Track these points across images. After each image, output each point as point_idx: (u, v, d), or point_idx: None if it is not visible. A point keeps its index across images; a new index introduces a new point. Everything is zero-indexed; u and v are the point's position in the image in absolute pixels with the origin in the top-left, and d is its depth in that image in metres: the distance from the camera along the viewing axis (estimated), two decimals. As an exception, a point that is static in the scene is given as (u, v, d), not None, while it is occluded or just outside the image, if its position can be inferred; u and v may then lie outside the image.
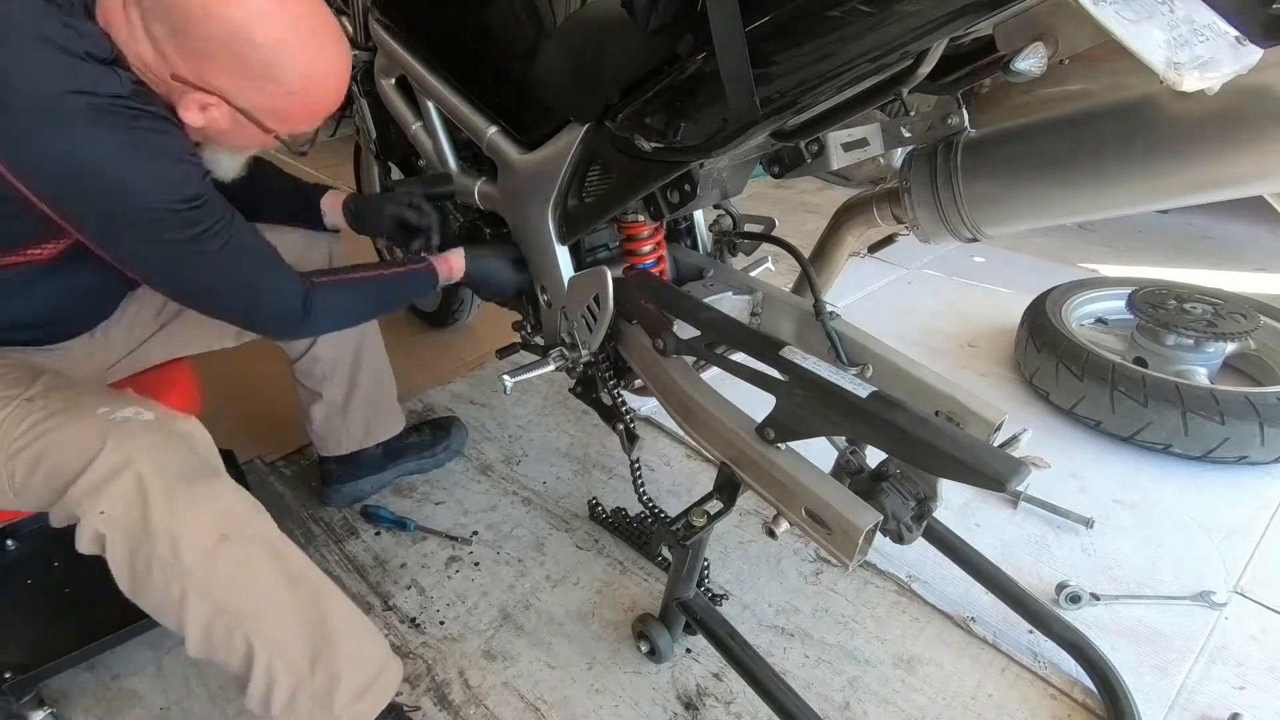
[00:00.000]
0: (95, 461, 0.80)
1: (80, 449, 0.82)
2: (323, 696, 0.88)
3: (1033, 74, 0.82)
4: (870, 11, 0.63)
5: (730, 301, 1.13)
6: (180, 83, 0.80)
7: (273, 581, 0.87)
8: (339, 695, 0.89)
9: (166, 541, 0.81)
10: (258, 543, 0.88)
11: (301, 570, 0.91)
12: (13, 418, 0.84)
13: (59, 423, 0.84)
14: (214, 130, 0.86)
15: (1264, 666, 1.13)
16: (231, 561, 0.84)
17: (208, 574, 0.83)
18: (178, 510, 0.81)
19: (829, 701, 1.10)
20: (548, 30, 1.14)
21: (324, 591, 0.92)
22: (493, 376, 1.90)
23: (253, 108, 0.84)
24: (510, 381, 1.14)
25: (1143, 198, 0.88)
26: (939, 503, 0.90)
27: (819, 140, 0.99)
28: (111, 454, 0.81)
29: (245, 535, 0.87)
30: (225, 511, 0.86)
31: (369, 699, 0.92)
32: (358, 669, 0.91)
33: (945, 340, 2.03)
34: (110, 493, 0.80)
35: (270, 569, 0.88)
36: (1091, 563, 1.31)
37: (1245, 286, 2.22)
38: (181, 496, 0.82)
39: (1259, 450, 1.44)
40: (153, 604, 0.85)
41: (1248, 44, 0.61)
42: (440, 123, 1.31)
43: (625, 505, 1.41)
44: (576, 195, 1.07)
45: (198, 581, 0.83)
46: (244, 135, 0.88)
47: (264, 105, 0.84)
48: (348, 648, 0.91)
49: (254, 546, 0.87)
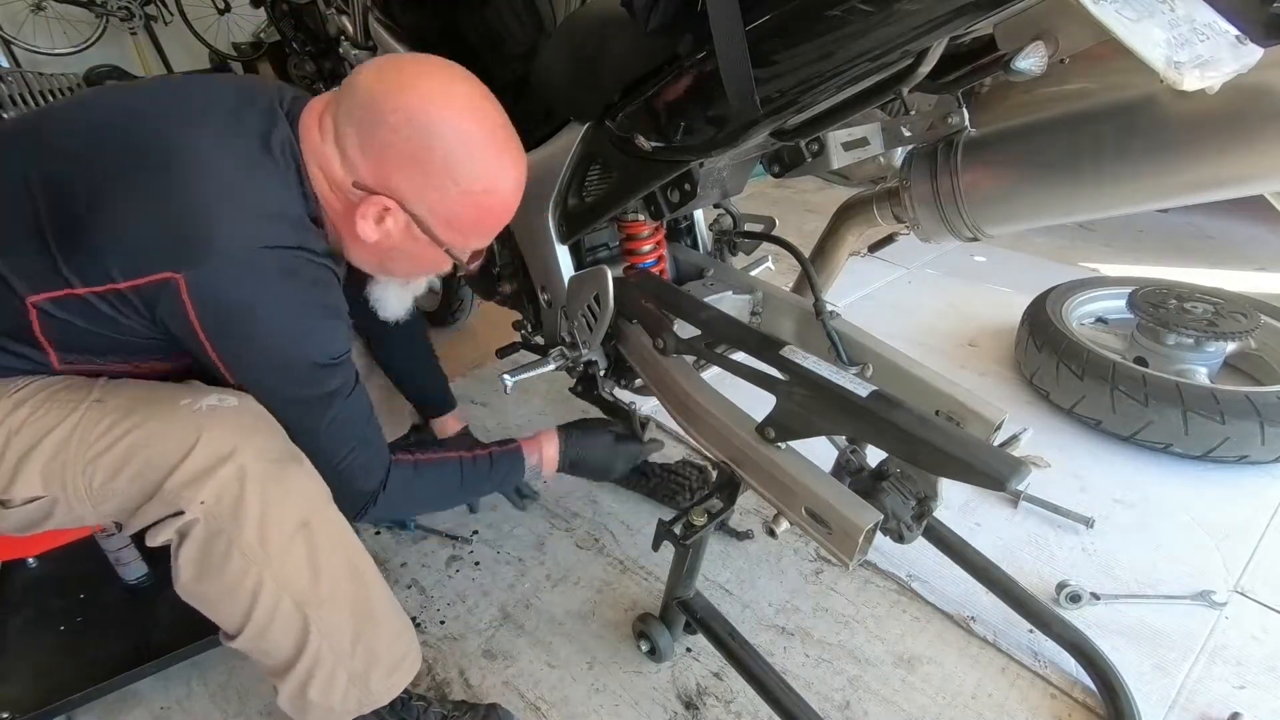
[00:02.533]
0: (193, 453, 0.79)
1: (174, 442, 0.80)
2: (361, 675, 0.92)
3: (1033, 73, 0.82)
4: (870, 10, 0.63)
5: (730, 301, 1.12)
6: (361, 190, 0.81)
7: (338, 568, 0.88)
8: (375, 673, 0.92)
9: (255, 528, 0.81)
10: (331, 527, 0.88)
11: (359, 554, 0.92)
12: (87, 420, 0.80)
13: (140, 419, 0.81)
14: (387, 245, 0.85)
15: (1264, 666, 1.13)
16: (309, 547, 0.85)
17: (284, 560, 0.83)
18: (271, 498, 0.81)
19: (829, 701, 1.10)
20: (548, 29, 1.14)
21: (371, 574, 0.93)
22: (493, 376, 1.90)
23: (429, 212, 0.83)
24: (511, 381, 1.15)
25: (1143, 197, 0.88)
26: (939, 502, 0.90)
27: (819, 139, 0.99)
28: (209, 444, 0.79)
29: (322, 521, 0.87)
30: (309, 497, 0.86)
31: (398, 675, 0.96)
32: (394, 649, 0.95)
33: (945, 340, 2.03)
34: (212, 484, 0.79)
35: (339, 555, 0.88)
36: (1092, 562, 1.31)
37: (1245, 286, 2.22)
38: (275, 483, 0.82)
39: (1259, 450, 1.43)
40: (217, 592, 0.84)
41: (1248, 43, 0.61)
42: (440, 122, 1.30)
43: (626, 505, 1.41)
44: (577, 194, 1.07)
45: (275, 567, 0.83)
46: (417, 252, 0.87)
47: (439, 208, 0.83)
48: (387, 629, 0.94)
49: (328, 532, 0.87)
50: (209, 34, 5.23)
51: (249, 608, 0.84)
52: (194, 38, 5.20)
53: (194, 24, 5.16)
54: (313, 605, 0.86)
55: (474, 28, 1.21)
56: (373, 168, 0.80)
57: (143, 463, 0.80)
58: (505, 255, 1.26)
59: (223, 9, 5.12)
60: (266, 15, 4.36)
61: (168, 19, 5.29)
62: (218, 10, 5.12)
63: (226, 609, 0.85)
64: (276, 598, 0.84)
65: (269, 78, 1.40)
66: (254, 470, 0.81)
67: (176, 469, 0.79)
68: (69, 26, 4.84)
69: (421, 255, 0.88)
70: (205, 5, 5.09)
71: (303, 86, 4.89)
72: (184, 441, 0.80)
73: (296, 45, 4.22)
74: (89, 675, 1.08)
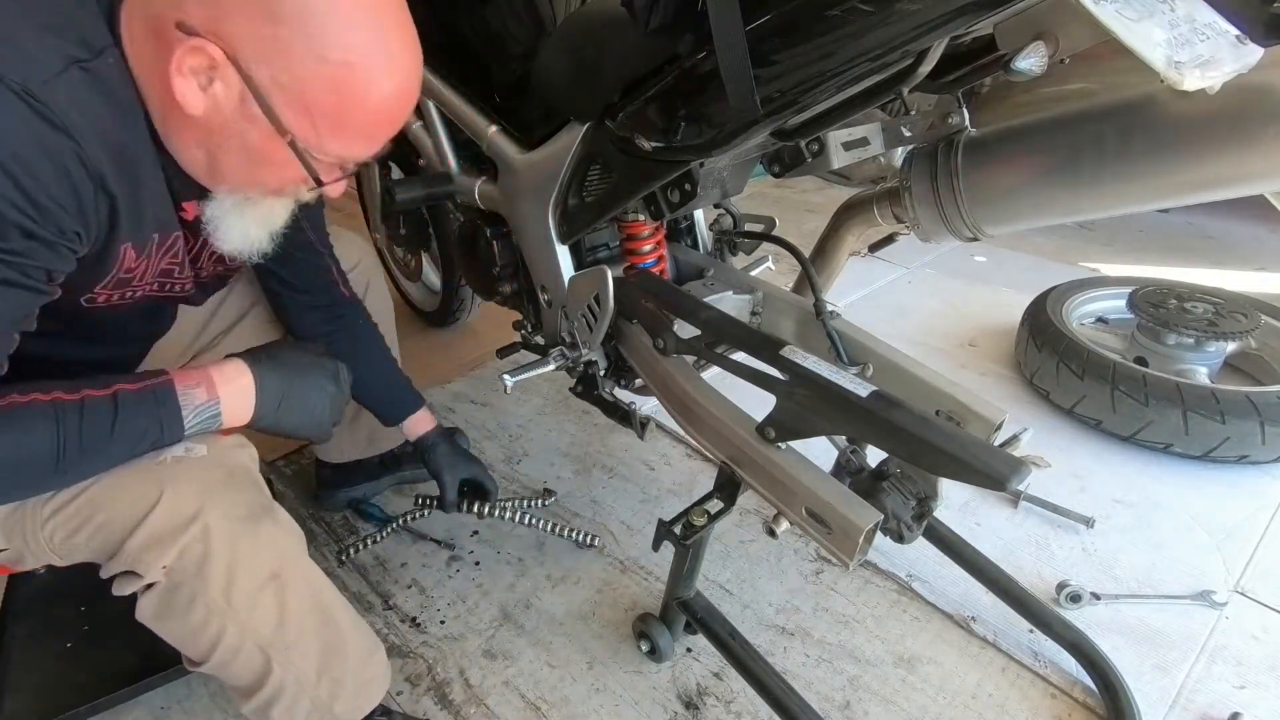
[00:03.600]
0: (153, 514, 0.72)
1: (134, 500, 0.72)
2: (325, 702, 0.88)
3: (1033, 73, 0.81)
4: (870, 10, 0.63)
5: (731, 301, 1.12)
6: (184, 32, 0.60)
7: (306, 612, 0.85)
8: (340, 699, 0.90)
9: (221, 585, 0.76)
10: (301, 578, 0.84)
11: (329, 594, 0.89)
12: None
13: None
14: (216, 125, 0.64)
15: (1264, 666, 1.13)
16: (278, 598, 0.81)
17: (250, 612, 0.79)
18: (240, 556, 0.76)
19: (829, 701, 1.10)
20: (548, 29, 1.14)
21: (340, 610, 0.90)
22: (493, 376, 1.90)
23: (271, 81, 0.62)
24: (511, 381, 1.14)
25: (1143, 197, 0.88)
26: (939, 502, 0.90)
27: (819, 139, 0.99)
28: (172, 503, 0.73)
29: (293, 570, 0.83)
30: (280, 550, 0.81)
31: (363, 699, 0.93)
32: (361, 674, 0.92)
33: (945, 339, 2.03)
34: (175, 547, 0.73)
35: (308, 604, 0.85)
36: (1092, 562, 1.31)
37: (1246, 286, 2.22)
38: (245, 541, 0.76)
39: (1260, 450, 1.44)
40: (179, 633, 0.80)
41: (1248, 43, 0.61)
42: (441, 122, 1.30)
43: (626, 505, 1.41)
44: (577, 194, 1.07)
45: (241, 619, 0.78)
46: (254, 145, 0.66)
47: (285, 76, 0.62)
48: (354, 657, 0.91)
49: (298, 583, 0.83)
50: (209, 34, 5.22)
51: (210, 650, 0.80)
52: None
53: (194, 24, 5.15)
54: (277, 648, 0.82)
55: (474, 28, 1.21)
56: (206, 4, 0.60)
57: (102, 521, 0.73)
58: (505, 255, 1.26)
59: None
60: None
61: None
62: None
63: (188, 646, 0.81)
64: (240, 641, 0.80)
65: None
66: (220, 530, 0.74)
67: (136, 530, 0.72)
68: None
69: (260, 152, 0.66)
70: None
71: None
72: (144, 499, 0.72)
73: (296, 45, 4.17)
74: (96, 687, 1.07)
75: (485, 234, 1.26)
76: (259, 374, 0.78)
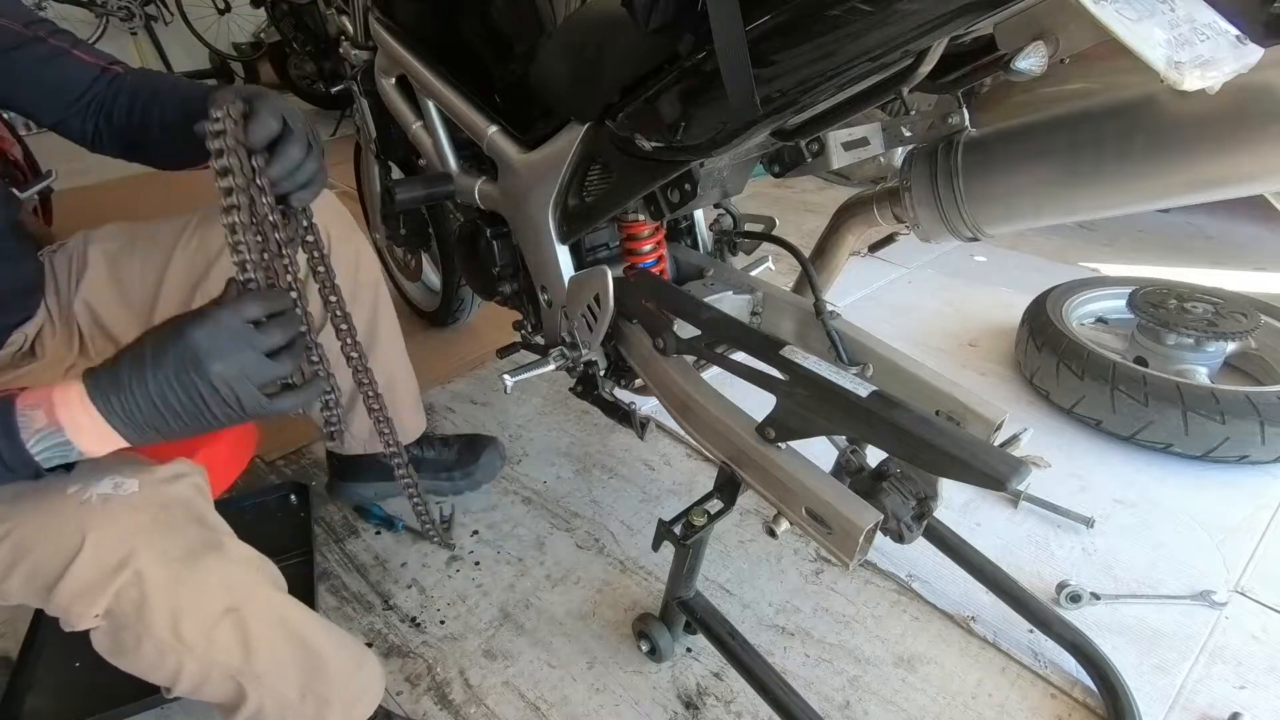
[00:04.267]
0: (76, 563, 0.67)
1: (56, 546, 0.67)
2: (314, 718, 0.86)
3: (1033, 73, 0.81)
4: (870, 10, 0.63)
5: (730, 301, 1.12)
6: None
7: (277, 642, 0.81)
8: (331, 716, 0.87)
9: (166, 625, 0.72)
10: (261, 608, 0.80)
11: (298, 622, 0.84)
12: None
13: (24, 513, 0.68)
14: None
15: (1264, 666, 1.13)
16: (237, 630, 0.77)
17: (208, 647, 0.75)
18: (182, 598, 0.72)
19: (829, 701, 1.10)
20: (548, 29, 1.14)
21: (316, 633, 0.86)
22: (493, 376, 1.91)
23: None
24: (511, 381, 1.14)
25: (1144, 197, 0.88)
26: (939, 502, 0.90)
27: (819, 139, 0.99)
28: (97, 549, 0.67)
29: (251, 604, 0.79)
30: (233, 585, 0.77)
31: (354, 712, 0.91)
32: (348, 688, 0.90)
33: (945, 339, 2.03)
34: (105, 596, 0.68)
35: (274, 632, 0.81)
36: (1092, 562, 1.31)
37: (1246, 286, 2.21)
38: (187, 581, 0.72)
39: (1260, 450, 1.43)
40: (135, 668, 0.76)
41: (1248, 43, 0.61)
42: (440, 122, 1.31)
43: (626, 505, 1.41)
44: (577, 195, 1.07)
45: (199, 654, 0.75)
46: None
47: None
48: (338, 674, 0.88)
49: (259, 613, 0.79)
50: (209, 34, 5.24)
51: (173, 681, 0.77)
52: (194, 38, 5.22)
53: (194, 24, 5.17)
54: (248, 676, 0.79)
55: (474, 28, 1.21)
56: None
57: (28, 569, 0.68)
58: (505, 255, 1.26)
59: (223, 9, 5.13)
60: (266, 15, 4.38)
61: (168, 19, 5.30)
62: (218, 10, 5.13)
63: (151, 678, 0.77)
64: (204, 671, 0.76)
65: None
66: (155, 575, 0.69)
67: (62, 578, 0.67)
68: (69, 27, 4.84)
69: None
70: (205, 5, 5.10)
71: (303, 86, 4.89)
72: (67, 547, 0.67)
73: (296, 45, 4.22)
74: (110, 699, 1.06)
75: (485, 234, 1.26)
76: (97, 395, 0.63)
